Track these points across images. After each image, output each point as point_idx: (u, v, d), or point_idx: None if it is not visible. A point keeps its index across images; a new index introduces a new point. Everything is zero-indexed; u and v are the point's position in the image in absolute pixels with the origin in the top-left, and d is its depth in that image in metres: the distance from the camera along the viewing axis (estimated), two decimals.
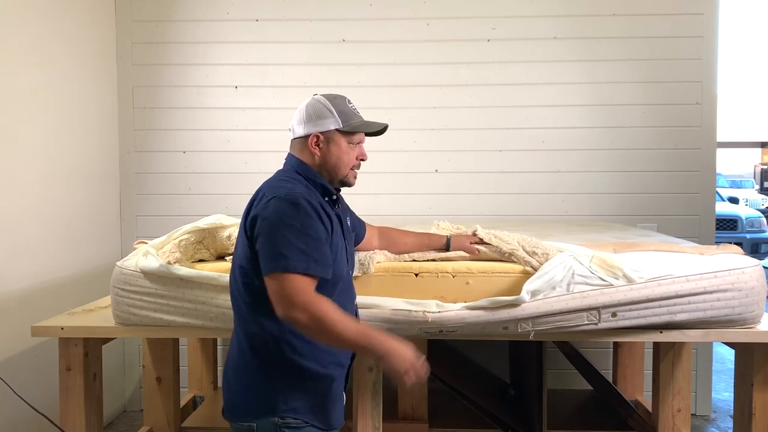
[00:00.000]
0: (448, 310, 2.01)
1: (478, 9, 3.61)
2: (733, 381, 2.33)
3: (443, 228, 2.32)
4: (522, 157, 3.64)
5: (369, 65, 3.64)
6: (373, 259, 2.11)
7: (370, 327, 1.61)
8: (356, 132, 1.71)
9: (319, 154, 1.68)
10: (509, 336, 2.07)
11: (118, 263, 2.19)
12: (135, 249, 2.30)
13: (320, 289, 1.55)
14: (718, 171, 3.78)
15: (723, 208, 8.65)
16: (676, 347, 2.45)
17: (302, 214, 1.52)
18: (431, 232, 2.28)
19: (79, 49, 3.30)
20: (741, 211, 9.19)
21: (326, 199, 1.69)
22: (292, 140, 1.73)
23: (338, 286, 1.65)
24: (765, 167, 17.23)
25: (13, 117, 2.75)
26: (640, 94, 3.60)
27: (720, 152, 3.87)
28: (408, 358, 1.49)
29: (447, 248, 2.18)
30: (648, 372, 2.92)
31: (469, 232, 2.23)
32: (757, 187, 16.11)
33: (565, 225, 3.23)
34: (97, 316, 2.34)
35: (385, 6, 3.63)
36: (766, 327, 2.12)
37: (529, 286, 2.01)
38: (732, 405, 2.42)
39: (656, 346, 2.56)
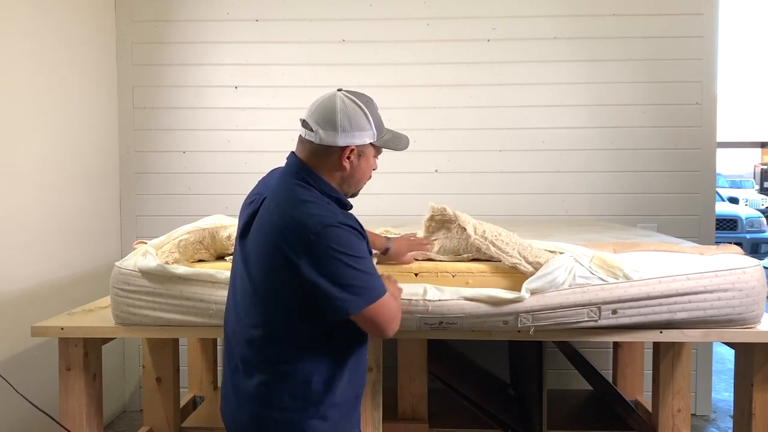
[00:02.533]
0: (448, 299, 2.01)
1: (478, 9, 3.62)
2: (733, 381, 2.33)
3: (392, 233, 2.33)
4: (522, 157, 3.64)
5: (369, 65, 3.64)
6: None
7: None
8: (379, 150, 1.60)
9: (348, 169, 1.52)
10: (509, 331, 2.07)
11: (116, 263, 2.19)
12: (135, 249, 2.30)
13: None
14: (718, 171, 3.78)
15: (723, 208, 8.65)
16: (676, 347, 2.45)
17: (356, 242, 1.45)
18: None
19: (79, 49, 3.30)
20: (741, 211, 9.19)
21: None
22: (310, 142, 1.51)
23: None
24: (765, 167, 17.24)
25: (12, 117, 2.75)
26: (640, 94, 3.60)
27: (720, 152, 3.87)
28: None
29: (384, 252, 2.06)
30: (648, 372, 2.92)
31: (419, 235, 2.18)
32: (757, 187, 16.11)
33: (565, 225, 3.23)
34: (96, 316, 2.34)
35: (385, 6, 3.63)
36: (766, 327, 2.12)
37: (529, 285, 2.01)
38: (732, 405, 2.42)
39: (656, 346, 2.56)
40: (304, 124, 1.53)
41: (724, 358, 4.48)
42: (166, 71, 3.69)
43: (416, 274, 2.13)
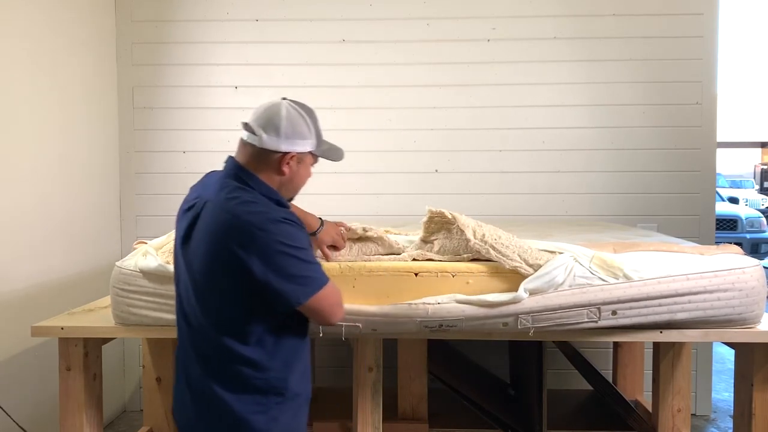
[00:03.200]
0: (446, 302, 2.01)
1: (478, 9, 3.62)
2: (733, 381, 2.33)
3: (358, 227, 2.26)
4: (522, 157, 3.64)
5: (369, 65, 3.64)
6: None
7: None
8: (315, 158, 1.65)
9: (288, 173, 1.57)
10: (509, 333, 2.07)
11: (117, 263, 2.19)
12: (135, 249, 2.30)
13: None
14: (718, 171, 3.78)
15: (723, 208, 8.65)
16: (676, 347, 2.45)
17: (300, 233, 1.52)
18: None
19: (78, 49, 3.30)
20: (741, 211, 9.19)
21: None
22: (252, 146, 1.55)
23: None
24: (765, 167, 17.23)
25: (12, 117, 2.75)
26: (640, 94, 3.60)
27: (720, 152, 3.87)
28: None
29: (314, 234, 1.93)
30: (648, 372, 2.92)
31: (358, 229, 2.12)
32: (757, 187, 16.11)
33: (566, 225, 3.23)
34: (97, 316, 2.34)
35: (385, 6, 3.63)
36: (766, 327, 2.12)
37: (528, 284, 2.01)
38: (732, 405, 2.42)
39: (656, 346, 2.56)
40: (247, 127, 1.57)
41: (724, 358, 4.48)
42: (166, 71, 3.68)
43: (416, 274, 2.13)
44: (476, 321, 2.03)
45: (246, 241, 1.44)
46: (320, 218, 1.95)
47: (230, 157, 1.61)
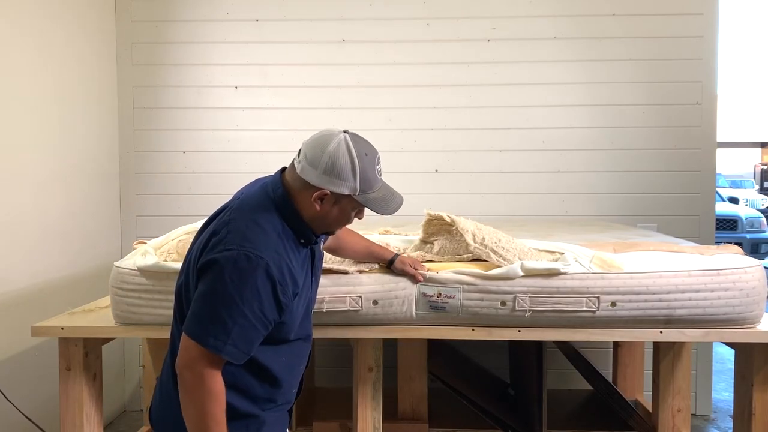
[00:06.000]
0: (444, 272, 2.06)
1: (478, 9, 3.62)
2: (733, 381, 2.33)
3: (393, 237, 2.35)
4: (522, 157, 3.64)
5: (369, 65, 3.64)
6: None
7: None
8: (362, 206, 1.51)
9: (319, 211, 1.47)
10: (509, 329, 2.07)
11: (115, 263, 2.19)
12: (135, 249, 2.30)
13: (271, 349, 1.50)
14: (718, 171, 3.78)
15: (723, 208, 8.65)
16: (676, 347, 2.44)
17: (248, 283, 1.37)
18: (377, 235, 2.27)
19: (78, 49, 3.30)
20: (741, 211, 9.20)
21: (301, 240, 1.52)
22: (297, 168, 1.47)
23: (295, 346, 1.59)
24: (765, 167, 17.24)
25: (12, 117, 2.75)
26: (640, 94, 3.60)
27: (720, 152, 3.87)
28: None
29: (389, 264, 2.05)
30: (648, 372, 2.92)
31: (415, 254, 2.17)
32: (757, 187, 16.12)
33: (566, 225, 3.23)
34: (97, 316, 2.34)
35: (385, 6, 3.63)
36: (766, 327, 2.12)
37: (526, 264, 2.02)
38: (732, 405, 2.42)
39: (656, 345, 2.56)
40: (300, 150, 1.50)
41: (724, 358, 4.48)
42: (166, 71, 3.68)
43: None
44: (474, 293, 2.04)
45: (210, 248, 1.41)
46: (394, 254, 2.06)
47: (280, 169, 1.55)
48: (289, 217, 1.48)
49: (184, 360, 1.40)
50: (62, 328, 2.19)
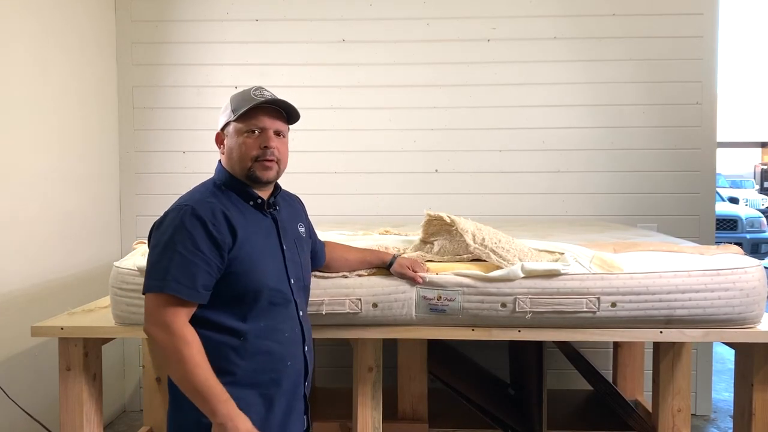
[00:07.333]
0: (444, 274, 2.05)
1: (478, 9, 3.62)
2: (733, 381, 2.33)
3: (391, 235, 2.33)
4: (522, 157, 3.64)
5: (369, 65, 3.64)
6: None
7: (220, 388, 1.43)
8: (249, 118, 1.60)
9: (224, 154, 1.65)
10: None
11: (115, 264, 2.19)
12: (134, 249, 2.29)
13: (233, 305, 1.50)
14: (718, 171, 3.78)
15: (723, 208, 8.65)
16: (676, 347, 2.44)
17: (177, 226, 1.45)
18: (375, 235, 2.27)
19: (78, 49, 3.30)
20: (741, 211, 9.20)
21: (251, 203, 1.60)
22: None
23: (261, 302, 1.54)
24: (765, 167, 17.24)
25: (12, 117, 2.75)
26: (641, 94, 3.60)
27: (720, 152, 3.87)
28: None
29: (388, 267, 2.04)
30: (648, 372, 2.92)
31: (415, 254, 2.16)
32: (757, 187, 16.12)
33: (566, 225, 3.24)
34: (96, 316, 2.34)
35: (385, 6, 3.63)
36: (766, 327, 2.12)
37: (527, 265, 2.02)
38: (732, 405, 2.42)
39: (656, 346, 2.56)
40: None
41: (724, 358, 4.48)
42: (166, 71, 3.68)
43: None
44: (474, 296, 2.03)
45: (149, 235, 1.56)
46: (393, 255, 2.06)
47: None
48: (223, 180, 1.62)
49: (146, 319, 1.45)
50: (62, 328, 2.19)
